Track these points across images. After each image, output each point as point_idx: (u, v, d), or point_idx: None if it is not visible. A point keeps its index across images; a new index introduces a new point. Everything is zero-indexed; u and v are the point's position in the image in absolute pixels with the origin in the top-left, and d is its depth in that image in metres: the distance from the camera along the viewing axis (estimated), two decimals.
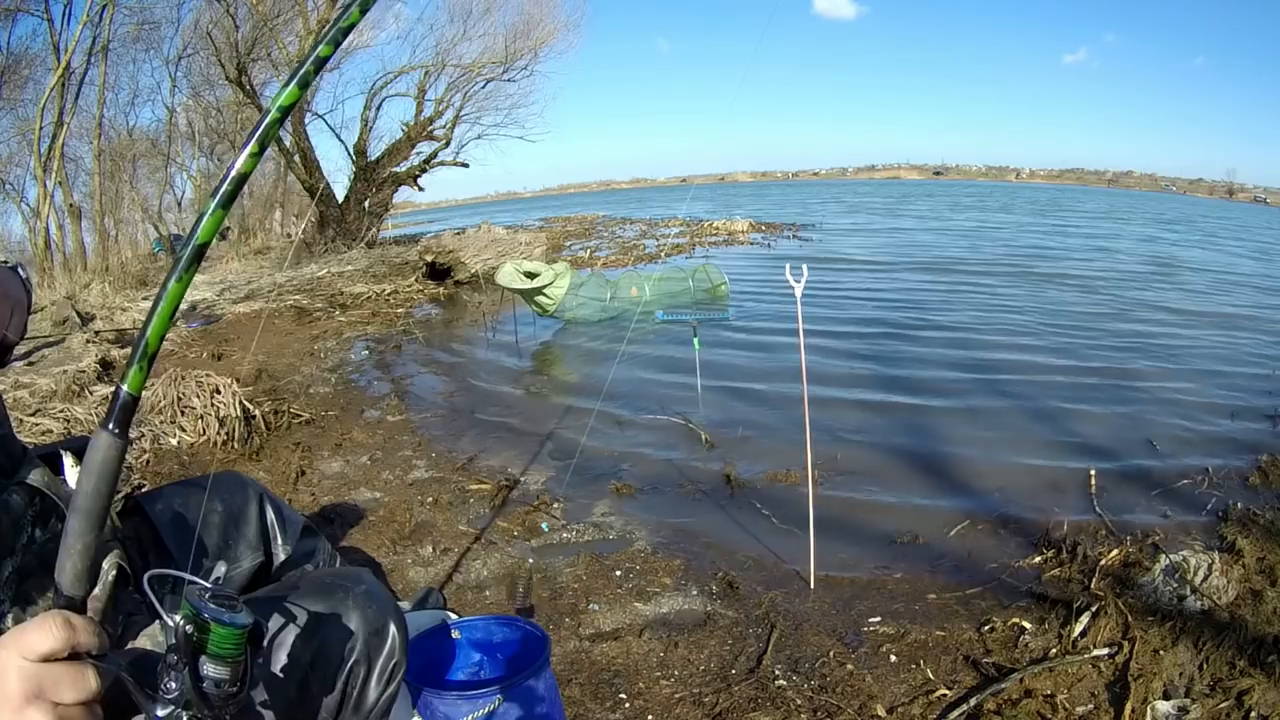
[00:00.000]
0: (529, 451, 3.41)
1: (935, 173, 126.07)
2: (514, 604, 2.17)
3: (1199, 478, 2.95)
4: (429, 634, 1.55)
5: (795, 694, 1.76)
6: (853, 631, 2.00)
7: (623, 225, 18.48)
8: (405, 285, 8.56)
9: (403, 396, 4.44)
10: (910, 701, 1.73)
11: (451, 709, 1.33)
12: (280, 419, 3.82)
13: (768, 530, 2.60)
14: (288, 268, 10.51)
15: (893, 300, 7.15)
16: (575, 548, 2.50)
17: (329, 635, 0.87)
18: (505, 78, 14.93)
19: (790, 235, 14.44)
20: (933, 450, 3.35)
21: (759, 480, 3.02)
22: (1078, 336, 5.55)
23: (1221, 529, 2.50)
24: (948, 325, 6.00)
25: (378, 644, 0.91)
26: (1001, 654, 1.88)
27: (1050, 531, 2.51)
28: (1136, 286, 8.07)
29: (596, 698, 1.76)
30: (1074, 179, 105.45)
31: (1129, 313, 6.55)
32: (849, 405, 3.97)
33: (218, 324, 6.94)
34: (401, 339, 6.10)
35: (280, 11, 12.16)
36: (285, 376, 4.89)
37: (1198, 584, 2.07)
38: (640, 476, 3.08)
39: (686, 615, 2.10)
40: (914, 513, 2.74)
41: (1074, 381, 4.37)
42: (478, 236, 9.14)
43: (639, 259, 11.04)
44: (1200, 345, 5.36)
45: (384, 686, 0.92)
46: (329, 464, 3.33)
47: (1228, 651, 1.80)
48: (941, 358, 4.98)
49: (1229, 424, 3.66)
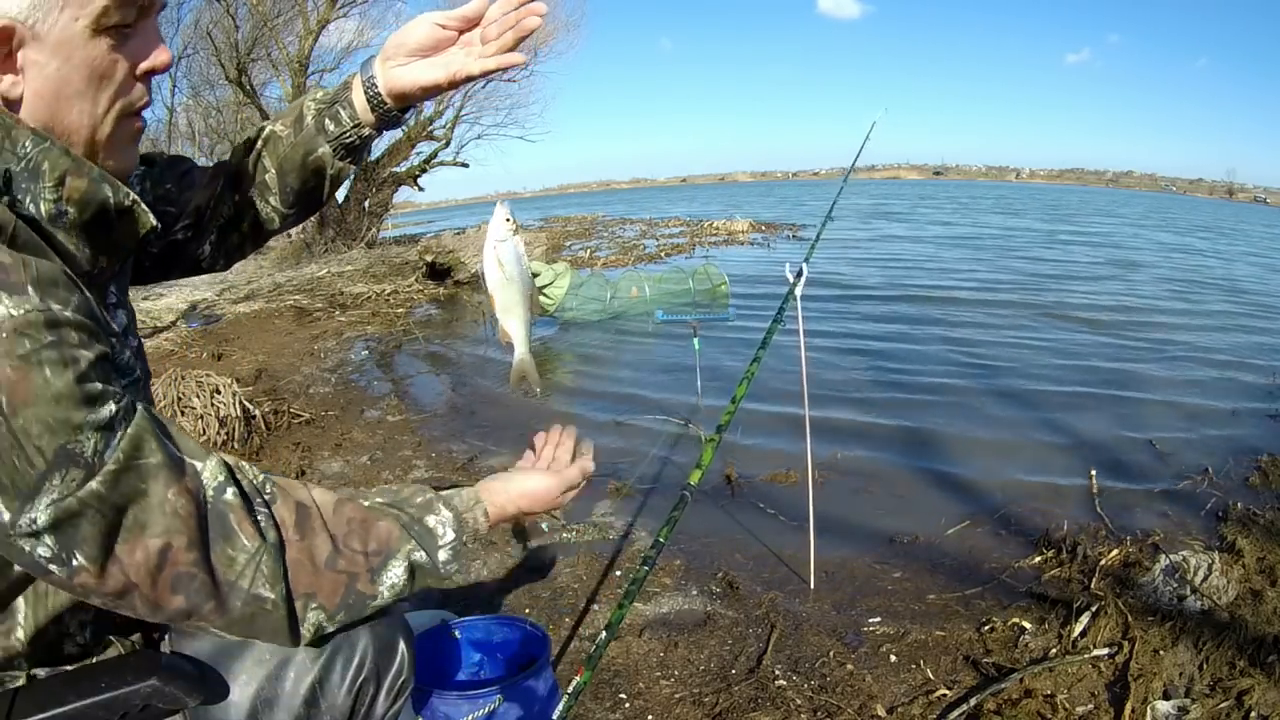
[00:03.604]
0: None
1: (935, 172, 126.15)
2: (514, 604, 2.17)
3: (1199, 478, 2.95)
4: (429, 634, 1.55)
5: (795, 694, 1.76)
6: (853, 631, 2.00)
7: (623, 225, 18.47)
8: (405, 285, 8.55)
9: (403, 396, 4.44)
10: (910, 701, 1.73)
11: (452, 709, 1.33)
12: (280, 419, 3.82)
13: (768, 530, 2.60)
14: (288, 268, 10.51)
15: (893, 298, 7.16)
16: (575, 548, 2.50)
17: (337, 652, 0.86)
18: (505, 78, 14.92)
19: (790, 235, 14.44)
20: (933, 450, 3.35)
21: (759, 480, 3.02)
22: (1078, 336, 5.55)
23: (1221, 529, 2.50)
24: (949, 325, 6.00)
25: (386, 661, 0.90)
26: (1001, 654, 1.88)
27: (1050, 531, 2.51)
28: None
29: (596, 697, 1.76)
30: (1074, 179, 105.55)
31: (1141, 317, 6.54)
32: (850, 405, 3.97)
33: (218, 324, 6.94)
34: (401, 339, 6.10)
35: (280, 11, 12.15)
36: (285, 376, 4.89)
37: (1198, 584, 2.07)
38: (640, 477, 3.08)
39: (686, 615, 2.10)
40: (914, 513, 2.74)
41: (1074, 381, 4.37)
42: (478, 236, 9.14)
43: (639, 259, 11.03)
44: (1200, 345, 5.36)
45: (391, 702, 0.91)
46: (329, 464, 3.33)
47: (1228, 651, 1.80)
48: (942, 358, 4.98)
49: (1229, 424, 3.66)
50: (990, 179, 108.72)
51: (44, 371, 0.58)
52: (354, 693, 0.87)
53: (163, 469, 0.64)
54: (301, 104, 0.97)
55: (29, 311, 0.58)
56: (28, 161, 0.65)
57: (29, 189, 0.65)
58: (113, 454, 0.61)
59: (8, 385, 0.57)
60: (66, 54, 0.66)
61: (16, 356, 0.57)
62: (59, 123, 0.68)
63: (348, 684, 0.86)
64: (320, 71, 13.37)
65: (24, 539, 0.60)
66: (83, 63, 0.67)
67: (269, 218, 1.02)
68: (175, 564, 0.64)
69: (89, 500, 0.60)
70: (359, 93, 0.91)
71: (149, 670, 0.77)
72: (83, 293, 0.64)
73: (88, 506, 0.60)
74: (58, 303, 0.61)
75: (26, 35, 0.64)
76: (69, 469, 0.59)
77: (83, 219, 0.69)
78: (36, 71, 0.66)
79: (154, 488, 0.63)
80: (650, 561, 1.34)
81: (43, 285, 0.60)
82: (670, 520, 1.41)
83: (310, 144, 0.95)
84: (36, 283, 0.60)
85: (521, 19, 0.84)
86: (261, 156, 0.97)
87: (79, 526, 0.60)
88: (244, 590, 0.67)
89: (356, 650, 0.87)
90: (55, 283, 0.61)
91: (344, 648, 0.86)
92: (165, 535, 0.63)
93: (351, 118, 0.93)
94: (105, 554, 0.62)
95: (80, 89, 0.68)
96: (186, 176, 1.00)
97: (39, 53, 0.65)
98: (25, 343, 0.58)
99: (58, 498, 0.59)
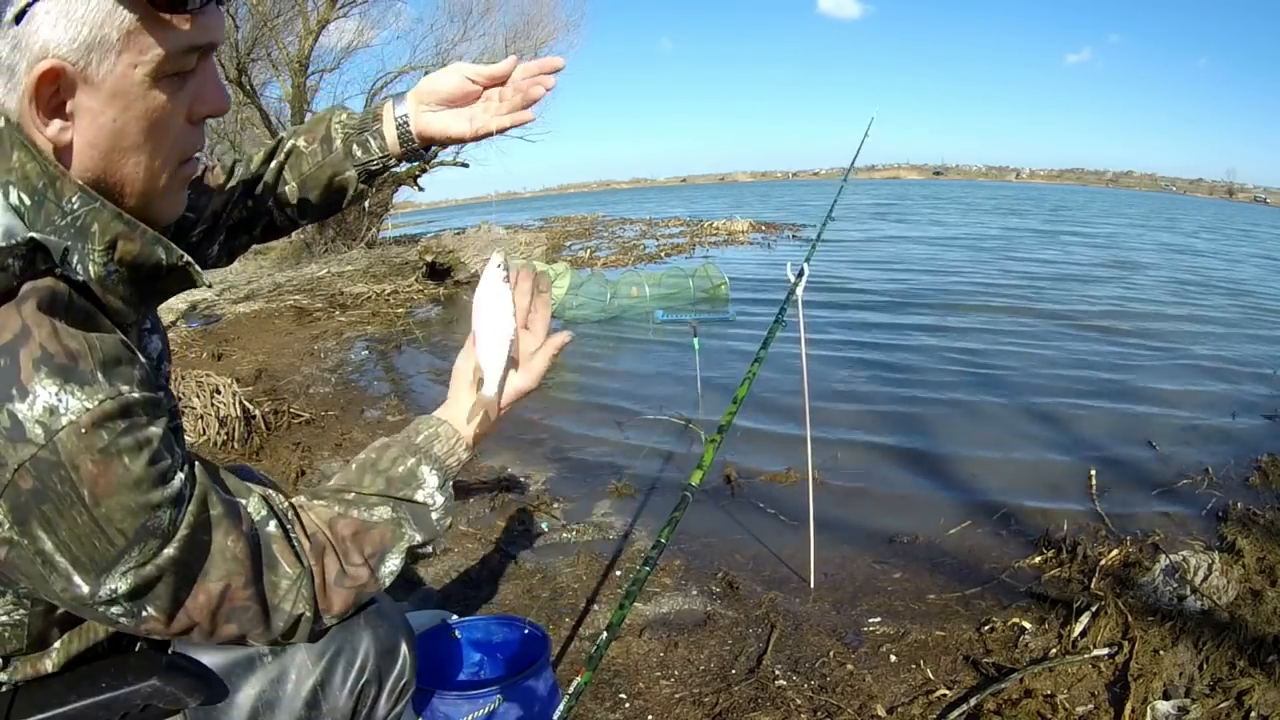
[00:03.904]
0: (529, 451, 3.41)
1: (935, 173, 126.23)
2: (514, 604, 2.17)
3: (1199, 478, 2.95)
4: (429, 634, 1.55)
5: (795, 694, 1.76)
6: (853, 631, 2.01)
7: (623, 225, 18.47)
8: (405, 285, 8.55)
9: (403, 396, 4.44)
10: (910, 701, 1.73)
11: (452, 709, 1.33)
12: (280, 419, 3.82)
13: (768, 530, 2.60)
14: (288, 268, 10.51)
15: (895, 296, 7.15)
16: (575, 548, 2.50)
17: (339, 655, 0.86)
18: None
19: (790, 235, 14.44)
20: (933, 450, 3.35)
21: (759, 480, 3.02)
22: (1079, 336, 5.55)
23: (1221, 529, 2.50)
24: (949, 325, 6.00)
25: (389, 664, 0.90)
26: (1001, 654, 1.88)
27: (1050, 531, 2.51)
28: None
29: (596, 698, 1.76)
30: (1074, 179, 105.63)
31: (1142, 318, 6.54)
32: (850, 405, 3.97)
33: (218, 324, 6.94)
34: (401, 339, 6.10)
35: (280, 11, 12.15)
36: (285, 376, 4.89)
37: (1198, 584, 2.07)
38: (640, 476, 3.08)
39: (686, 615, 2.10)
40: (914, 513, 2.74)
41: (1074, 381, 4.37)
42: (478, 236, 9.15)
43: (639, 259, 11.03)
44: (1201, 345, 5.36)
45: (393, 705, 0.92)
46: (329, 464, 3.33)
47: (1228, 651, 1.80)
48: (943, 358, 4.98)
49: (1229, 423, 3.66)
50: (990, 179, 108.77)
51: (122, 460, 0.59)
52: (355, 695, 0.87)
53: (223, 519, 0.67)
54: (327, 124, 1.01)
55: (102, 402, 0.58)
56: (75, 219, 0.63)
57: (76, 248, 0.63)
58: (184, 520, 0.64)
59: (89, 479, 0.58)
60: (124, 104, 0.63)
61: (97, 451, 0.58)
62: (112, 175, 0.66)
63: (349, 686, 0.86)
64: (320, 71, 13.39)
65: (101, 605, 0.62)
66: (141, 114, 0.64)
67: (282, 225, 1.07)
68: (233, 600, 0.68)
69: (165, 566, 0.63)
70: (390, 126, 0.98)
71: (149, 670, 0.78)
72: (140, 360, 0.65)
73: (165, 571, 0.63)
74: (125, 383, 0.61)
75: (77, 79, 0.60)
76: (147, 541, 0.61)
77: (134, 277, 0.68)
78: (90, 120, 0.62)
79: (217, 538, 0.66)
80: (651, 562, 1.34)
81: (109, 368, 0.60)
82: (671, 520, 1.41)
83: (338, 167, 1.01)
84: (103, 366, 0.60)
85: (533, 86, 0.93)
86: (284, 170, 1.02)
87: (155, 589, 0.63)
88: (286, 612, 0.72)
89: (358, 653, 0.87)
90: (119, 360, 0.61)
91: (345, 650, 0.86)
92: (226, 578, 0.67)
93: (381, 148, 0.99)
94: (176, 606, 0.65)
95: (138, 142, 0.65)
96: (200, 182, 1.02)
97: (92, 99, 0.61)
98: (103, 435, 0.58)
99: (136, 566, 0.61)
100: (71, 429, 0.57)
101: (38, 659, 0.75)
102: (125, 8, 0.60)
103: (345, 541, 0.77)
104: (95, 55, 0.60)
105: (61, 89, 0.60)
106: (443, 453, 0.85)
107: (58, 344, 0.58)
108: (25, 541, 0.58)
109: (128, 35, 0.61)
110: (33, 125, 0.61)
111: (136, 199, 0.68)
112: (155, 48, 0.62)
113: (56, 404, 0.56)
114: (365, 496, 0.80)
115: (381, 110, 0.99)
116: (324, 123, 1.02)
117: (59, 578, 0.60)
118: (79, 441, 0.57)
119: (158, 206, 0.71)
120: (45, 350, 0.57)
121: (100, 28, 0.59)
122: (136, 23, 0.61)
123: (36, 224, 0.61)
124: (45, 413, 0.56)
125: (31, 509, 0.57)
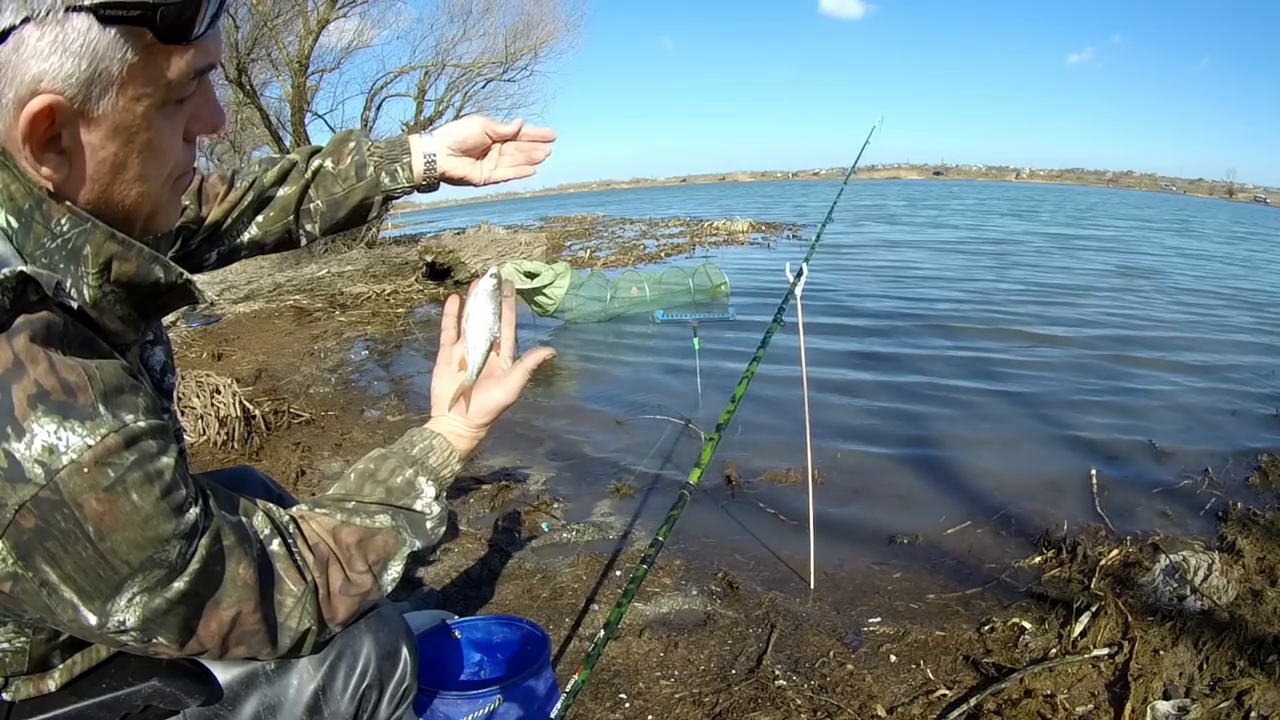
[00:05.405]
0: (529, 451, 3.41)
1: (935, 173, 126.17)
2: (514, 604, 2.17)
3: (1199, 478, 2.95)
4: (429, 634, 1.56)
5: (795, 694, 1.76)
6: (853, 631, 2.01)
7: (623, 225, 18.47)
8: (405, 285, 8.55)
9: (403, 396, 4.43)
10: (910, 701, 1.73)
11: (451, 709, 1.33)
12: (280, 419, 3.82)
13: (768, 530, 2.60)
14: (288, 268, 10.51)
15: (893, 299, 7.15)
16: (575, 548, 2.50)
17: (340, 659, 0.86)
18: (505, 78, 14.96)
19: (790, 235, 14.43)
20: (933, 450, 3.35)
21: (759, 480, 3.02)
22: (1078, 337, 5.55)
23: (1221, 529, 2.50)
24: (949, 326, 6.00)
25: (390, 668, 0.90)
26: (1001, 654, 1.88)
27: (1050, 531, 2.51)
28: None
29: (596, 698, 1.76)
30: (1074, 179, 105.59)
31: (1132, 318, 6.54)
32: (849, 405, 3.97)
33: (217, 324, 6.94)
34: (401, 339, 6.10)
35: (280, 11, 12.15)
36: (285, 376, 4.89)
37: (1198, 584, 2.07)
38: (640, 476, 3.08)
39: (686, 615, 2.10)
40: (914, 513, 2.74)
41: (1074, 381, 4.37)
42: (478, 236, 9.14)
43: (639, 259, 11.03)
44: (1201, 346, 5.36)
45: (394, 709, 0.92)
46: (329, 464, 3.33)
47: (1228, 651, 1.80)
48: (943, 358, 4.98)
49: (1229, 424, 3.66)
50: (990, 179, 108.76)
51: (130, 496, 0.57)
52: (357, 700, 0.87)
53: (235, 548, 0.66)
54: (361, 151, 1.07)
55: (105, 436, 0.56)
56: (65, 242, 0.61)
57: (69, 272, 0.61)
58: (196, 554, 0.62)
59: (94, 517, 0.56)
60: (125, 139, 0.61)
61: (102, 489, 0.56)
62: (110, 200, 0.64)
63: (350, 691, 0.87)
64: (320, 71, 13.40)
65: (111, 634, 0.61)
66: (143, 145, 0.62)
67: (298, 238, 1.12)
68: (243, 625, 0.67)
69: (175, 599, 0.61)
70: (419, 161, 1.07)
71: (149, 671, 0.78)
72: (144, 386, 0.63)
73: (174, 604, 0.62)
74: (129, 411, 0.58)
75: (76, 116, 0.57)
76: (151, 570, 0.60)
77: (131, 296, 0.67)
78: (89, 155, 0.60)
79: (229, 567, 0.65)
80: (649, 560, 1.34)
81: (110, 398, 0.58)
82: (669, 519, 1.41)
83: (369, 191, 1.09)
84: (104, 397, 0.57)
85: (535, 149, 1.09)
86: (310, 189, 1.08)
87: (165, 620, 0.62)
88: (292, 629, 0.71)
89: (360, 657, 0.87)
90: (121, 388, 0.59)
91: (347, 655, 0.86)
92: (237, 605, 0.66)
93: (408, 179, 1.08)
94: (187, 635, 0.64)
95: (139, 171, 0.63)
96: (200, 191, 1.04)
97: (92, 135, 0.59)
98: (109, 472, 0.56)
99: (143, 596, 0.60)
100: (73, 468, 0.55)
101: (40, 679, 0.75)
102: (128, 41, 0.57)
103: (350, 549, 0.76)
104: (95, 90, 0.57)
105: (57, 124, 0.57)
106: (438, 464, 0.84)
107: (54, 378, 0.55)
108: (30, 574, 0.56)
109: (130, 69, 0.58)
110: (19, 151, 0.58)
111: (132, 218, 0.67)
112: (159, 79, 0.60)
113: (55, 442, 0.54)
114: (366, 505, 0.80)
115: (408, 142, 1.07)
116: (349, 146, 1.08)
117: (66, 608, 0.58)
118: (81, 480, 0.55)
119: (154, 221, 0.70)
120: (41, 386, 0.54)
121: (100, 61, 0.56)
122: (139, 55, 0.58)
123: (26, 246, 0.59)
124: (44, 452, 0.54)
125: (35, 546, 0.55)
